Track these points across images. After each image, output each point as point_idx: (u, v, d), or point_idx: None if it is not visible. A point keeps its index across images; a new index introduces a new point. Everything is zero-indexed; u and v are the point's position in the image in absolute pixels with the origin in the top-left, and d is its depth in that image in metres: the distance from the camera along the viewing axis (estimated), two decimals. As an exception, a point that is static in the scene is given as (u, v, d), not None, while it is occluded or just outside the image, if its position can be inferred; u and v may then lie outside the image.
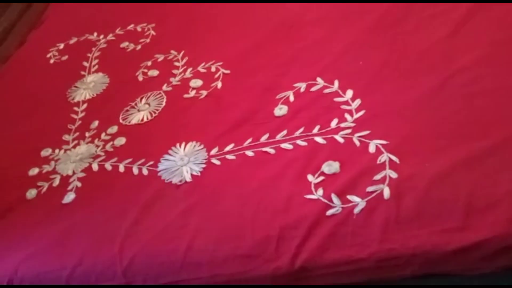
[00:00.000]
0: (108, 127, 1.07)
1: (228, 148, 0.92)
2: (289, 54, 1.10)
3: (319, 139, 0.87)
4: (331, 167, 0.81)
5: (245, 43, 1.19)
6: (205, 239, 0.78)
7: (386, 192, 0.74)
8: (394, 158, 0.79)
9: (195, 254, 0.77)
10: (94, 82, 1.24)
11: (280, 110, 0.96)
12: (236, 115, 0.98)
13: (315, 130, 0.89)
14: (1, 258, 0.87)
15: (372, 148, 0.82)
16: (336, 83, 0.97)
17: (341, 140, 0.86)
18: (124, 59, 1.29)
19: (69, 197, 0.94)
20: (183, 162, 0.92)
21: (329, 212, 0.75)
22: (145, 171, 0.94)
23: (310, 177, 0.81)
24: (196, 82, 1.12)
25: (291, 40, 1.15)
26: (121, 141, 1.03)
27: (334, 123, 0.89)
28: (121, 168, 0.96)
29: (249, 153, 0.90)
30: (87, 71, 1.30)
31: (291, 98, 0.98)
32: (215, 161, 0.91)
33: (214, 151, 0.93)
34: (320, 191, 0.78)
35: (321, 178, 0.80)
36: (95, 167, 0.99)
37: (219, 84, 1.09)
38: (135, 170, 0.95)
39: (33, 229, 0.90)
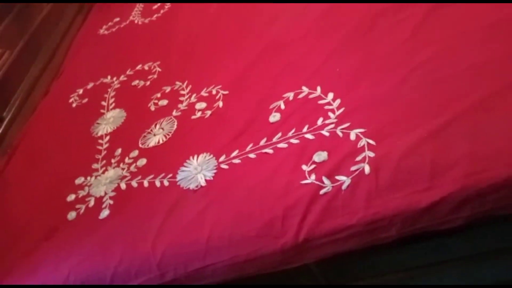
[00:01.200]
0: (130, 152, 1.24)
1: (234, 154, 1.08)
2: (276, 70, 1.27)
3: (308, 136, 1.03)
4: (320, 156, 0.96)
5: (237, 66, 1.36)
6: (221, 228, 0.93)
7: (367, 169, 0.89)
8: (371, 141, 0.94)
9: (215, 241, 0.92)
10: (113, 117, 1.42)
11: (274, 117, 1.13)
12: (237, 127, 1.15)
13: (305, 129, 1.05)
14: (54, 269, 1.02)
15: (352, 136, 0.97)
16: (319, 88, 1.14)
17: (327, 134, 1.01)
18: (136, 95, 1.48)
19: (104, 213, 1.10)
20: (197, 170, 1.08)
21: (322, 191, 0.89)
22: (166, 183, 1.10)
23: (304, 167, 0.96)
24: (201, 105, 1.29)
25: (276, 58, 1.32)
26: (142, 162, 1.20)
27: (320, 121, 1.05)
28: (146, 184, 1.13)
29: (252, 155, 1.06)
30: (106, 109, 1.48)
31: (282, 106, 1.15)
32: (223, 166, 1.07)
33: (222, 158, 1.09)
34: (313, 176, 0.93)
35: (313, 166, 0.95)
36: (123, 186, 1.16)
37: (220, 104, 1.26)
38: (158, 183, 1.11)
39: (78, 243, 1.06)
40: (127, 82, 1.56)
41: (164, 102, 1.38)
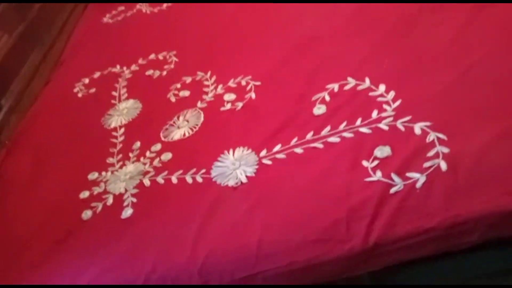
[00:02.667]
0: (151, 146, 1.11)
1: (276, 148, 0.97)
2: (314, 63, 1.17)
3: (364, 130, 0.93)
4: (383, 151, 0.86)
5: (268, 58, 1.26)
6: (274, 231, 0.82)
7: (443, 165, 0.79)
8: (441, 136, 0.85)
9: (268, 246, 0.80)
10: (127, 108, 1.29)
11: (319, 110, 1.02)
12: (277, 119, 1.04)
13: (358, 122, 0.95)
14: (72, 279, 0.88)
15: (417, 130, 0.88)
16: (367, 80, 1.04)
17: (386, 128, 0.91)
18: (152, 85, 1.35)
19: (127, 212, 0.96)
20: (235, 166, 0.96)
21: (393, 190, 0.79)
22: (199, 179, 0.97)
23: (365, 163, 0.86)
24: (230, 96, 1.17)
25: (311, 52, 1.22)
26: (167, 156, 1.07)
27: (375, 114, 0.95)
28: (174, 180, 1.00)
29: (298, 150, 0.95)
30: (117, 99, 1.35)
31: (327, 98, 1.04)
32: (266, 161, 0.95)
33: (263, 153, 0.97)
34: (379, 173, 0.83)
35: (376, 162, 0.85)
36: (146, 182, 1.02)
37: (252, 95, 1.15)
38: (189, 180, 0.98)
39: (99, 248, 0.91)
40: (139, 72, 1.43)
41: (185, 93, 1.26)
